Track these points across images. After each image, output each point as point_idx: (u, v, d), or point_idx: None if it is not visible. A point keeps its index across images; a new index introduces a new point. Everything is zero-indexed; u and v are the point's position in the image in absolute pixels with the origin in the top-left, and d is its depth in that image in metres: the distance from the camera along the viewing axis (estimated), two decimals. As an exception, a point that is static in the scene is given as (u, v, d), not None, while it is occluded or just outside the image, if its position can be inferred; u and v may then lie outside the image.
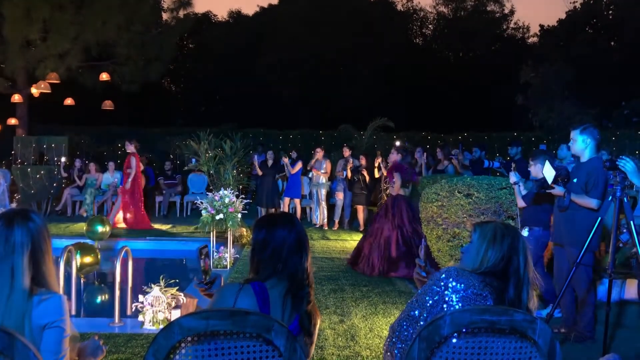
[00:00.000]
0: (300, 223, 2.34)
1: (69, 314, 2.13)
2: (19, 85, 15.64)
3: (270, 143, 16.33)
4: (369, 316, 5.42)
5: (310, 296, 2.23)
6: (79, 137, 16.40)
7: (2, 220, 2.11)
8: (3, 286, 2.02)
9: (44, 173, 12.44)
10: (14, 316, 2.00)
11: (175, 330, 1.71)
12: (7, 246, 2.05)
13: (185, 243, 9.26)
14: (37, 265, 2.11)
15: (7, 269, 2.04)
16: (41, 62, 14.96)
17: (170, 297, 4.97)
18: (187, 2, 17.43)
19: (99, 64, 16.35)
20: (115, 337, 4.60)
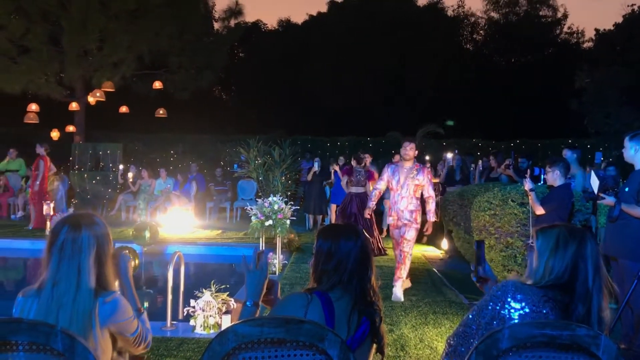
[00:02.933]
0: (365, 235, 2.31)
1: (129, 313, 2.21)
2: (77, 94, 16.22)
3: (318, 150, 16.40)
4: (419, 326, 5.34)
5: (380, 312, 2.21)
6: (133, 144, 16.87)
7: (69, 222, 2.20)
8: (70, 285, 2.11)
9: (99, 179, 12.83)
10: (80, 314, 2.09)
11: (230, 337, 1.71)
12: (74, 246, 2.15)
13: (235, 249, 9.36)
14: (101, 267, 2.20)
15: (74, 268, 2.13)
16: (97, 71, 15.48)
17: (221, 302, 5.02)
18: (238, 12, 17.74)
19: (152, 72, 16.80)
20: (167, 340, 4.67)
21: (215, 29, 19.61)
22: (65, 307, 2.08)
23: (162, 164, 15.40)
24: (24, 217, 12.56)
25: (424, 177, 6.47)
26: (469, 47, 30.22)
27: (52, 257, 2.15)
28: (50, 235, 2.21)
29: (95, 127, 17.67)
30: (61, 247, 2.14)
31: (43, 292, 2.12)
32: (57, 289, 2.11)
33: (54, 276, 2.13)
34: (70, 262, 2.13)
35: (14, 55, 14.98)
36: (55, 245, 2.15)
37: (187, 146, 17.84)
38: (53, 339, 1.71)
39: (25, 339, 1.72)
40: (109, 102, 15.52)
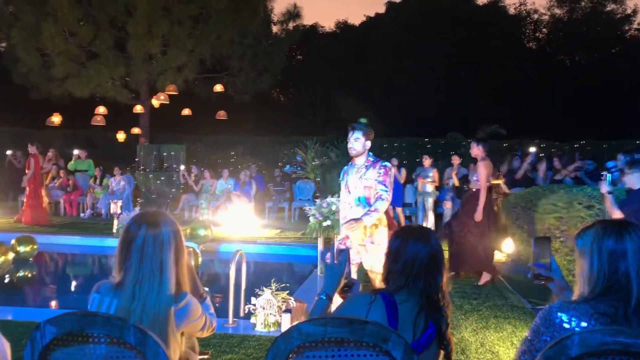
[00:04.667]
0: (437, 239, 2.27)
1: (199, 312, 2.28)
2: (142, 97, 16.76)
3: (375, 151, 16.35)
4: (480, 330, 5.24)
5: (448, 318, 2.18)
6: (195, 145, 17.30)
7: (147, 220, 2.24)
8: (153, 284, 2.15)
9: (163, 179, 13.23)
10: (160, 313, 2.13)
11: (295, 335, 1.74)
12: (155, 244, 2.18)
13: (294, 248, 9.47)
14: (178, 265, 2.24)
15: (157, 265, 2.16)
16: (161, 74, 15.93)
17: (281, 300, 5.09)
18: (296, 15, 17.88)
19: (214, 75, 17.19)
20: (229, 337, 4.77)
21: (274, 32, 19.84)
22: (148, 307, 2.12)
23: (223, 164, 15.72)
24: (92, 215, 13.09)
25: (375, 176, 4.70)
26: (532, 45, 29.38)
27: (131, 255, 2.17)
28: (126, 234, 2.22)
29: (159, 129, 18.22)
30: (142, 246, 2.16)
31: (123, 290, 2.16)
32: (139, 288, 2.14)
33: (135, 275, 2.15)
34: (152, 261, 2.16)
35: (83, 60, 15.63)
36: (134, 243, 2.17)
37: (247, 147, 18.14)
38: (126, 332, 1.79)
39: (101, 331, 1.80)
40: (172, 105, 15.99)
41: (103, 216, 12.69)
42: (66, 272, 9.40)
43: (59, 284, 8.30)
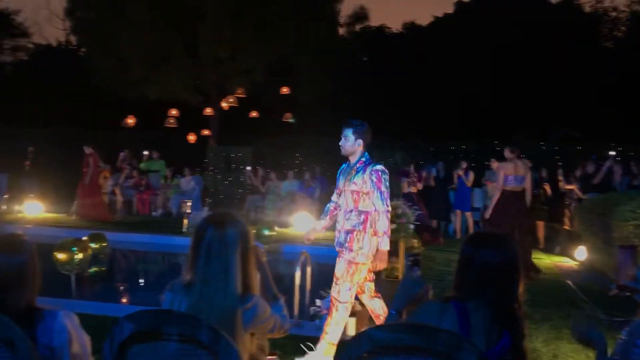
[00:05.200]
0: (513, 246, 2.18)
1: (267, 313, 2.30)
2: (211, 100, 17.20)
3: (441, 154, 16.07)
4: (552, 340, 5.05)
5: (524, 329, 2.08)
6: (261, 146, 17.57)
7: (214, 221, 2.28)
8: (219, 284, 2.18)
9: (231, 180, 13.50)
10: (227, 313, 2.16)
11: (365, 340, 1.72)
12: (221, 245, 2.20)
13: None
14: (245, 264, 2.26)
15: (222, 266, 2.19)
16: (230, 78, 16.30)
17: (346, 304, 5.07)
18: (363, 16, 17.90)
19: (280, 78, 17.40)
20: (294, 338, 4.79)
21: (340, 34, 19.90)
22: (215, 307, 2.15)
23: (288, 166, 15.88)
24: (163, 214, 13.51)
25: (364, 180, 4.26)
26: (609, 44, 28.09)
27: (199, 255, 2.21)
28: (196, 234, 2.27)
29: (227, 130, 18.60)
30: (209, 246, 2.20)
31: (192, 290, 2.20)
32: (206, 288, 2.17)
33: (202, 275, 2.19)
34: (218, 261, 2.19)
35: (156, 63, 16.20)
36: (202, 244, 2.22)
37: (311, 149, 18.25)
38: (199, 331, 1.82)
39: (176, 329, 1.85)
40: (240, 108, 16.31)
41: (174, 215, 13.08)
42: (136, 268, 9.74)
43: (129, 281, 8.61)
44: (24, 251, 2.11)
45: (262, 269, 2.52)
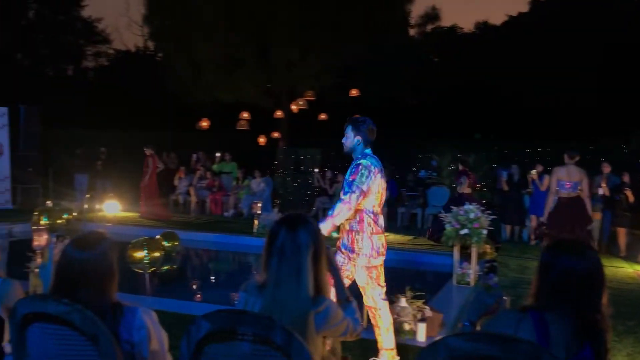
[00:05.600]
0: (596, 254, 2.07)
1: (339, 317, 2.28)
2: (281, 102, 17.44)
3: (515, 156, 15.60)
4: (636, 355, 4.79)
5: (607, 343, 1.98)
6: (330, 148, 17.62)
7: (286, 222, 2.29)
8: (291, 287, 2.19)
9: (300, 182, 13.63)
10: (299, 316, 2.16)
11: (441, 349, 1.67)
12: (293, 247, 2.21)
13: (428, 256, 9.29)
14: (317, 267, 2.25)
15: (294, 268, 2.20)
16: (300, 80, 16.47)
17: (416, 309, 5.01)
18: (435, 17, 17.65)
19: (350, 80, 17.41)
20: (363, 341, 4.75)
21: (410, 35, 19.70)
22: (287, 309, 2.15)
23: (357, 169, 15.82)
24: (235, 214, 13.80)
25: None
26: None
27: (272, 257, 2.23)
28: (268, 236, 2.29)
29: (297, 133, 18.80)
30: (281, 248, 2.21)
31: (265, 291, 2.22)
32: (278, 290, 2.18)
33: (275, 277, 2.20)
34: (290, 263, 2.20)
35: (229, 68, 16.61)
36: (274, 245, 2.23)
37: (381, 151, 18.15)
38: (273, 332, 1.83)
39: (250, 330, 1.87)
40: (309, 110, 16.44)
41: (245, 216, 13.33)
42: (207, 267, 9.99)
43: (201, 279, 8.84)
44: (107, 248, 2.18)
45: (334, 272, 2.52)
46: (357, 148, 4.22)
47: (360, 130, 4.20)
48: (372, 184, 4.04)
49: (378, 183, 4.11)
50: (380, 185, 4.16)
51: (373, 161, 4.12)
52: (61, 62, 31.60)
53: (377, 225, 4.15)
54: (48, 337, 2.00)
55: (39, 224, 9.02)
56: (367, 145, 4.22)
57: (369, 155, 4.18)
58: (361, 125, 4.21)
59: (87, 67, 33.07)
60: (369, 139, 4.21)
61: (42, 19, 30.11)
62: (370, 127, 4.23)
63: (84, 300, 2.01)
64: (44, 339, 2.01)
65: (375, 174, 4.07)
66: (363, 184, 4.00)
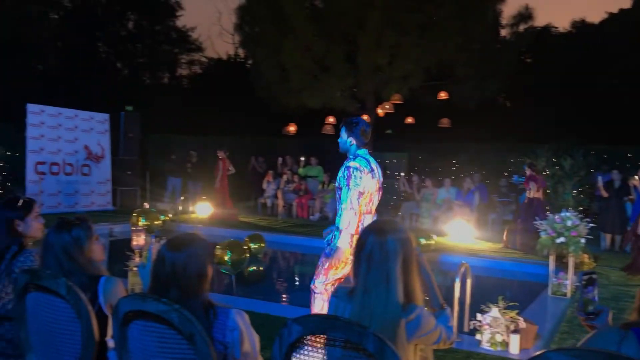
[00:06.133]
0: None
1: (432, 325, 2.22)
2: (368, 107, 17.41)
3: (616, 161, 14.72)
4: None
5: None
6: (416, 153, 17.40)
7: (375, 229, 2.26)
8: (380, 294, 2.15)
9: (386, 186, 13.50)
10: (389, 327, 2.11)
11: (543, 364, 1.59)
12: (381, 253, 2.18)
13: (522, 265, 8.93)
14: (407, 274, 2.21)
15: (383, 275, 2.16)
16: (387, 84, 16.37)
17: (509, 319, 4.81)
18: (528, 16, 16.99)
19: (438, 83, 17.12)
20: (453, 352, 4.64)
21: (502, 35, 19.08)
22: (376, 317, 2.12)
23: (445, 173, 15.53)
24: (320, 218, 13.91)
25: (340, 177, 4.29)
26: None
27: (360, 264, 2.21)
28: (357, 242, 2.28)
29: (382, 137, 18.70)
30: (369, 255, 2.19)
31: (355, 298, 2.19)
32: (367, 297, 2.15)
33: (364, 284, 2.18)
34: (378, 271, 2.16)
35: (316, 73, 16.80)
36: (363, 252, 2.21)
37: (470, 155, 17.70)
38: (365, 339, 1.80)
39: (342, 335, 1.85)
40: (395, 114, 16.31)
41: (330, 219, 13.39)
42: (293, 270, 10.09)
43: (287, 281, 8.95)
44: (198, 249, 2.23)
45: (426, 278, 2.45)
46: (350, 149, 4.31)
47: (353, 132, 4.28)
48: (363, 183, 4.15)
49: (367, 183, 4.19)
50: (371, 186, 4.22)
51: (362, 162, 4.20)
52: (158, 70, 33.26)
53: (362, 225, 4.16)
54: (147, 334, 2.07)
55: (138, 225, 9.49)
56: (361, 146, 4.30)
57: (360, 156, 4.26)
58: (354, 127, 4.29)
59: (181, 74, 34.61)
60: (362, 140, 4.30)
61: (140, 29, 31.83)
62: (363, 129, 4.31)
63: (174, 299, 2.06)
64: (143, 336, 2.09)
65: (365, 174, 4.16)
66: (358, 185, 4.13)
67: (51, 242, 2.64)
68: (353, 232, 4.15)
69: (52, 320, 2.44)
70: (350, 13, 15.95)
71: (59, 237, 2.64)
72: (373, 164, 4.31)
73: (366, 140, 4.33)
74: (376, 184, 4.29)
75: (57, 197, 13.41)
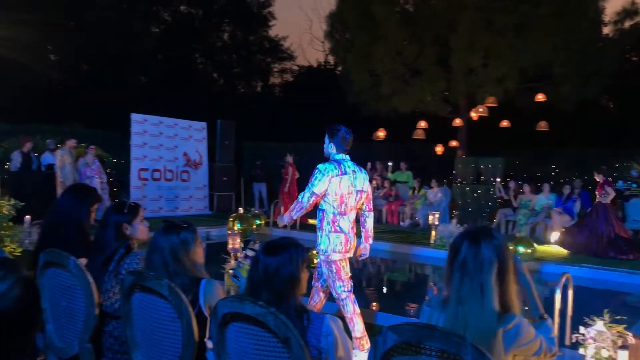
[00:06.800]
0: None
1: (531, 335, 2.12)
2: (460, 110, 17.03)
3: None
4: None
5: None
6: (513, 158, 16.79)
7: (469, 236, 2.19)
8: (474, 305, 2.08)
9: (480, 192, 13.14)
10: (485, 337, 2.04)
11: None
12: (475, 262, 2.11)
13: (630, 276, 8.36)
14: (503, 284, 2.13)
15: (477, 284, 2.09)
16: (480, 87, 15.94)
17: (617, 334, 4.50)
18: (634, 12, 15.98)
19: (535, 85, 16.45)
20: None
21: (604, 33, 18.05)
22: (470, 327, 2.06)
23: (543, 178, 14.86)
24: (411, 224, 13.72)
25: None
26: None
27: (453, 273, 2.15)
28: (451, 249, 2.22)
29: (476, 141, 18.22)
30: (463, 264, 2.13)
31: (448, 307, 2.15)
32: (461, 307, 2.10)
33: (457, 293, 2.12)
34: (472, 280, 2.10)
35: (407, 78, 16.66)
36: (456, 260, 2.15)
37: (570, 160, 16.85)
38: (464, 350, 1.74)
39: (438, 345, 1.80)
40: (490, 117, 15.84)
41: (421, 226, 13.18)
42: (382, 276, 9.99)
43: (376, 287, 8.87)
44: (292, 254, 2.26)
45: (526, 287, 2.35)
46: (330, 153, 4.60)
47: (334, 139, 4.55)
48: (323, 186, 4.41)
49: (336, 186, 4.43)
50: (341, 188, 4.45)
51: (330, 166, 4.46)
52: (251, 79, 34.31)
53: (336, 225, 4.48)
54: (244, 336, 2.12)
55: (233, 229, 9.79)
56: (340, 151, 4.56)
57: (334, 160, 4.53)
58: (335, 134, 4.56)
59: (273, 83, 35.50)
60: (342, 146, 4.55)
61: (235, 40, 32.99)
62: (343, 136, 4.54)
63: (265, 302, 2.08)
64: (240, 338, 2.14)
65: (329, 178, 4.42)
66: (315, 186, 4.42)
67: (159, 244, 2.76)
68: (294, 217, 4.62)
69: (155, 320, 2.55)
70: (442, 15, 15.72)
71: (168, 239, 2.76)
72: (349, 168, 4.53)
73: (346, 147, 4.58)
74: (349, 187, 4.50)
75: (159, 201, 14.11)
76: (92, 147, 12.60)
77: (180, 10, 31.71)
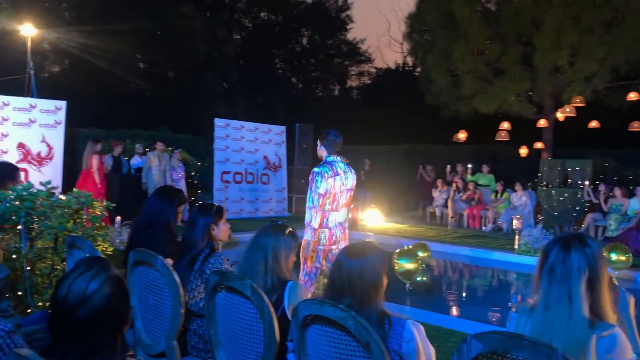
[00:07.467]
0: None
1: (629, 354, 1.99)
2: (545, 110, 16.37)
3: None
4: None
5: None
6: (602, 160, 15.98)
7: (560, 242, 2.13)
8: (561, 311, 2.02)
9: (567, 196, 12.56)
10: (574, 344, 1.97)
11: None
12: (564, 269, 2.05)
13: None
14: (594, 293, 2.04)
15: (565, 293, 2.03)
16: (567, 86, 15.27)
17: None
18: None
19: (627, 83, 15.57)
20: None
21: None
22: (558, 333, 1.99)
23: (636, 182, 14.02)
24: (494, 229, 13.33)
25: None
26: None
27: (542, 278, 2.10)
28: (541, 255, 2.17)
29: (562, 143, 17.48)
30: (551, 269, 2.08)
31: (536, 313, 2.09)
32: (548, 313, 2.04)
33: (545, 299, 2.07)
34: (560, 287, 2.04)
35: (489, 77, 16.22)
36: (545, 266, 2.10)
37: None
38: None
39: (526, 356, 1.72)
40: (577, 118, 15.14)
41: (504, 231, 12.77)
42: (462, 281, 9.74)
43: (456, 293, 8.66)
44: (374, 258, 2.24)
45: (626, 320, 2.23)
46: (323, 156, 5.01)
47: (324, 142, 4.97)
48: (324, 185, 4.79)
49: (330, 185, 4.81)
50: (334, 187, 4.85)
51: (325, 168, 4.86)
52: (329, 82, 34.55)
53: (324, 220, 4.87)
54: (325, 339, 2.12)
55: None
56: (331, 153, 4.96)
57: (326, 162, 4.93)
58: (324, 138, 4.98)
59: (351, 86, 35.58)
60: (332, 148, 4.94)
61: (313, 44, 33.34)
62: (332, 139, 4.95)
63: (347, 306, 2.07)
64: (321, 340, 2.15)
65: (326, 178, 4.80)
66: (318, 188, 4.79)
67: (262, 242, 2.84)
68: (316, 227, 4.80)
69: (238, 320, 2.61)
70: (526, 13, 15.18)
71: (274, 239, 2.84)
72: (340, 169, 4.93)
73: (336, 149, 4.96)
74: (341, 185, 4.90)
75: (240, 203, 14.48)
76: (177, 151, 13.10)
77: (261, 17, 32.44)
